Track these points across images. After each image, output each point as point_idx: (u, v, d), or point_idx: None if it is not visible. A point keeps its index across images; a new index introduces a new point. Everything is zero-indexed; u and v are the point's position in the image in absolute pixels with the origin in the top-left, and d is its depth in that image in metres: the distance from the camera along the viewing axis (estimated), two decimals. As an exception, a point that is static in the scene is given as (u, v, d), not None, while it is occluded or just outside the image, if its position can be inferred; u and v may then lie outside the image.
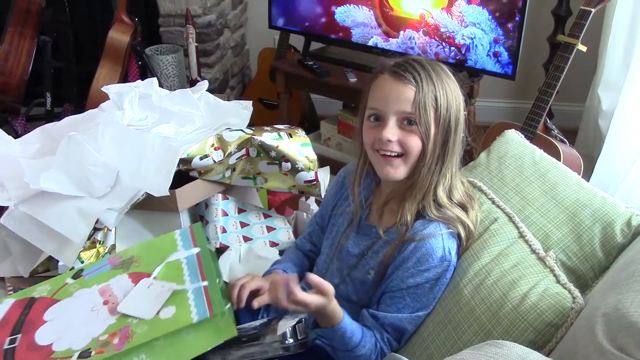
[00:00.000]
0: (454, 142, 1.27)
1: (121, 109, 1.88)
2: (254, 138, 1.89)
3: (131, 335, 1.18)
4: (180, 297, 1.26)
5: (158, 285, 1.30)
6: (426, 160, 1.25)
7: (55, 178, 1.67)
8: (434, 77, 1.24)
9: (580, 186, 1.43)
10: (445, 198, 1.29)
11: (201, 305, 1.22)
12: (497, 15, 2.33)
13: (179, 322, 1.19)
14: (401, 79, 1.24)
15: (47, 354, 1.19)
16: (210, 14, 3.11)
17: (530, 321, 1.11)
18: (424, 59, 1.28)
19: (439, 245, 1.26)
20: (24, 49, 2.83)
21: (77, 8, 3.09)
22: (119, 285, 1.33)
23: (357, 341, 1.26)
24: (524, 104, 3.11)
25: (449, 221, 1.28)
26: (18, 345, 1.22)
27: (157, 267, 1.34)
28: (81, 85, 3.01)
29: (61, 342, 1.21)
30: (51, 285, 1.39)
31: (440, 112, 1.24)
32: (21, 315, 1.30)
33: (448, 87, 1.25)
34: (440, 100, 1.23)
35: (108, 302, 1.29)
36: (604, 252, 1.31)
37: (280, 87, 2.95)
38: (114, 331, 1.21)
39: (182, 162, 1.80)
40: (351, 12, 2.67)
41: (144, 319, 1.22)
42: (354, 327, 1.27)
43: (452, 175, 1.30)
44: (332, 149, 2.94)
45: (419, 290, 1.27)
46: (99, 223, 1.68)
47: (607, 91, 2.60)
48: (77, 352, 1.18)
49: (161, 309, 1.23)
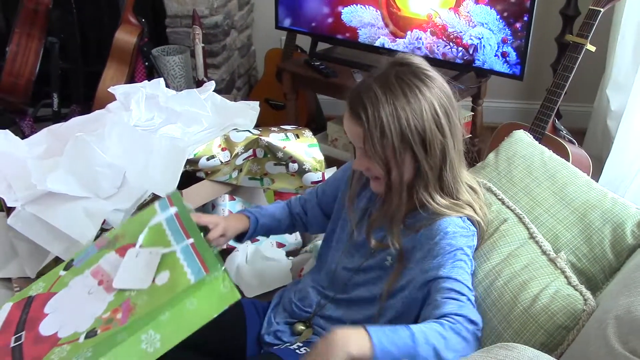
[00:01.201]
0: (430, 156, 1.22)
1: (128, 109, 1.88)
2: (260, 139, 1.89)
3: (133, 307, 1.18)
4: (171, 259, 1.24)
5: (145, 252, 1.29)
6: (392, 187, 1.25)
7: (62, 179, 1.68)
8: (384, 105, 1.19)
9: (590, 187, 1.42)
10: (446, 199, 1.26)
11: (194, 265, 1.20)
12: (505, 15, 2.32)
13: (176, 285, 1.18)
14: (351, 116, 1.24)
15: (54, 342, 1.19)
16: (217, 15, 3.11)
17: (542, 323, 1.10)
18: (378, 81, 1.22)
19: (453, 218, 1.24)
20: (31, 50, 2.83)
21: (84, 9, 3.10)
22: (108, 263, 1.33)
23: (409, 344, 1.05)
24: (532, 104, 3.10)
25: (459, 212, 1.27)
26: (24, 342, 1.22)
27: (141, 235, 1.32)
28: (88, 86, 3.01)
29: (66, 329, 1.21)
30: (45, 281, 1.39)
31: (395, 138, 1.20)
32: (22, 314, 1.31)
33: (406, 109, 1.19)
34: (393, 127, 1.19)
35: (103, 282, 1.29)
36: (614, 253, 1.29)
37: (287, 88, 2.95)
38: (115, 307, 1.21)
39: (189, 163, 1.80)
40: (358, 12, 2.66)
41: (141, 288, 1.21)
42: (391, 331, 1.08)
43: (452, 180, 1.27)
44: (339, 150, 2.93)
45: (457, 264, 1.18)
46: (105, 224, 1.68)
47: (616, 91, 2.59)
48: (83, 333, 1.18)
49: (156, 276, 1.22)
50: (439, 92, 1.23)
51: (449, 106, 1.24)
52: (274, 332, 1.42)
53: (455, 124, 1.25)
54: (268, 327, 1.44)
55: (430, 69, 1.26)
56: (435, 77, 1.25)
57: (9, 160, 1.80)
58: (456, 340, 1.07)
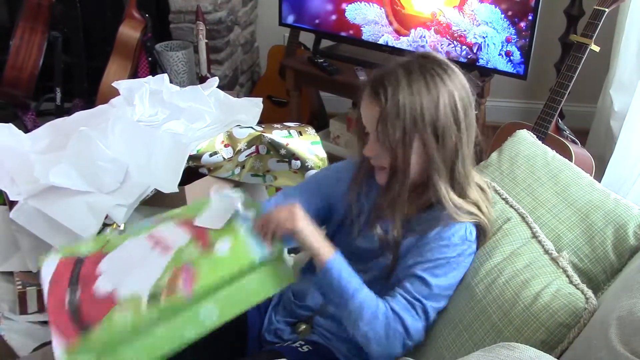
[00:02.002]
0: (442, 147, 1.22)
1: (131, 104, 1.88)
2: (264, 135, 1.89)
3: (195, 276, 1.17)
4: (231, 228, 1.26)
5: (226, 198, 1.30)
6: (396, 174, 1.24)
7: (64, 173, 1.68)
8: (404, 88, 1.19)
9: (592, 187, 1.41)
10: (457, 196, 1.26)
11: (258, 242, 1.22)
12: (510, 14, 2.32)
13: (239, 259, 1.19)
14: (370, 96, 1.23)
15: (112, 301, 1.15)
16: (220, 11, 3.11)
17: (543, 321, 1.10)
18: (403, 66, 1.23)
19: (462, 226, 1.25)
20: (34, 44, 2.83)
21: (87, 3, 3.09)
22: (165, 230, 1.31)
23: (352, 290, 1.19)
24: (536, 104, 3.09)
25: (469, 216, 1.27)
26: (80, 297, 1.18)
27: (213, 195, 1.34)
28: (91, 81, 3.01)
29: (123, 289, 1.17)
30: (96, 242, 1.36)
31: (406, 122, 1.19)
32: (73, 270, 1.26)
33: (423, 95, 1.20)
34: (408, 110, 1.19)
35: (158, 245, 1.27)
36: (616, 254, 1.29)
37: (290, 85, 2.95)
38: (173, 271, 1.19)
39: (192, 159, 1.80)
40: (362, 9, 2.66)
41: (216, 228, 1.24)
42: (349, 271, 1.22)
43: (463, 178, 1.26)
44: (341, 147, 2.93)
45: (438, 270, 1.23)
46: (108, 219, 1.68)
47: (619, 92, 2.58)
48: (144, 297, 1.15)
49: (217, 241, 1.23)
50: (460, 86, 1.24)
51: (468, 102, 1.24)
52: (274, 330, 1.42)
53: (471, 121, 1.25)
54: (269, 326, 1.44)
55: (453, 66, 1.26)
56: (458, 72, 1.25)
57: (11, 154, 1.81)
58: (380, 328, 1.19)
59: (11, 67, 2.79)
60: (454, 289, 1.26)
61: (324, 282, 1.22)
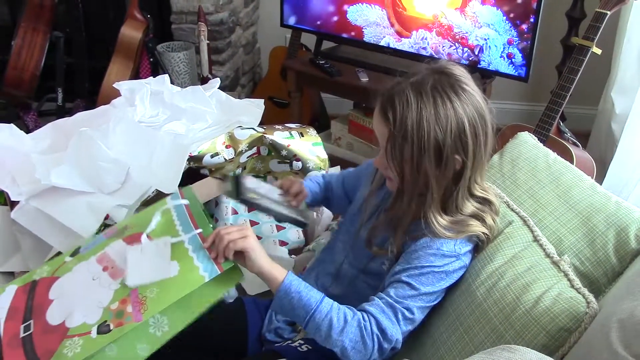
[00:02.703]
0: (442, 173, 1.21)
1: (133, 105, 1.88)
2: (265, 137, 1.89)
3: (144, 301, 1.16)
4: (179, 250, 1.23)
5: (151, 245, 1.27)
6: (403, 194, 1.24)
7: (66, 173, 1.68)
8: (412, 111, 1.17)
9: (594, 190, 1.41)
10: (445, 220, 1.24)
11: (205, 260, 1.19)
12: (512, 16, 2.32)
13: (188, 281, 1.16)
14: (380, 115, 1.22)
15: (63, 332, 1.17)
16: (222, 12, 3.11)
17: (543, 325, 1.10)
18: (414, 86, 1.19)
19: (451, 241, 1.24)
20: (36, 44, 2.83)
21: (89, 4, 3.10)
22: (114, 250, 1.31)
23: (314, 302, 1.16)
24: (537, 106, 3.09)
25: (461, 233, 1.26)
26: (34, 331, 1.20)
27: (151, 223, 1.31)
28: (93, 81, 3.02)
29: (73, 318, 1.19)
30: (50, 266, 1.38)
31: (414, 146, 1.18)
32: (27, 300, 1.29)
33: (430, 120, 1.16)
34: (415, 134, 1.17)
35: (107, 268, 1.27)
36: (617, 257, 1.29)
37: (292, 86, 2.95)
38: (122, 297, 1.19)
39: (193, 160, 1.80)
40: (363, 11, 2.66)
41: (159, 280, 1.19)
42: (306, 285, 1.19)
43: (460, 200, 1.25)
44: (342, 149, 2.93)
45: (424, 277, 1.21)
46: (109, 219, 1.68)
47: (620, 94, 2.58)
48: (94, 326, 1.15)
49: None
50: (471, 109, 1.19)
51: (479, 125, 1.20)
52: (274, 329, 1.43)
53: (481, 145, 1.22)
54: (269, 325, 1.45)
55: (469, 83, 1.21)
56: (472, 92, 1.20)
57: (13, 154, 1.81)
58: (354, 333, 1.15)
59: (13, 68, 2.80)
60: (438, 298, 1.25)
61: (285, 301, 1.18)
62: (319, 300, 1.17)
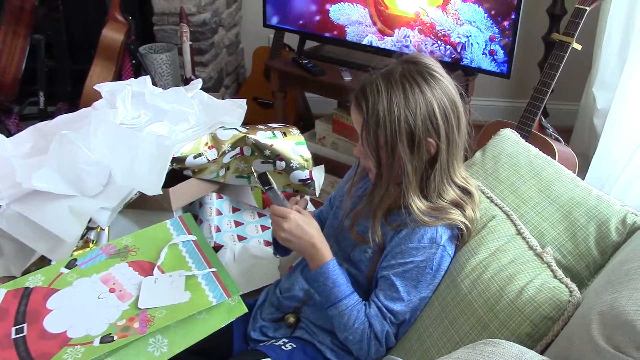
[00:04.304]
0: (416, 157, 1.24)
1: (114, 107, 1.86)
2: (248, 137, 1.89)
3: (151, 320, 1.22)
4: (192, 282, 1.31)
5: (165, 277, 1.34)
6: (380, 181, 1.28)
7: (47, 177, 1.66)
8: (382, 99, 1.22)
9: (575, 184, 1.42)
10: (424, 205, 1.27)
11: (216, 290, 1.28)
12: (493, 13, 2.33)
13: (196, 305, 1.24)
14: (355, 105, 1.28)
15: (64, 340, 1.20)
16: (204, 13, 3.10)
17: (527, 314, 1.11)
18: (384, 76, 1.25)
19: (431, 229, 1.26)
20: (17, 48, 2.81)
21: (70, 6, 3.07)
22: (120, 273, 1.37)
23: (341, 295, 1.28)
24: (519, 102, 3.11)
25: (440, 220, 1.28)
26: (28, 334, 1.23)
27: (160, 256, 1.39)
28: (75, 84, 2.99)
29: (76, 329, 1.23)
30: (44, 275, 1.39)
31: (387, 131, 1.22)
32: (20, 305, 1.31)
33: (400, 106, 1.21)
34: (388, 121, 1.22)
35: (115, 290, 1.32)
36: (599, 250, 1.30)
37: (275, 86, 2.94)
38: (130, 316, 1.24)
39: (176, 161, 1.79)
40: (345, 10, 2.66)
41: (169, 305, 1.27)
42: (341, 278, 1.30)
43: (437, 184, 1.28)
44: (327, 148, 2.93)
45: (407, 274, 1.26)
46: (92, 222, 1.67)
47: (602, 90, 2.60)
48: (97, 337, 1.20)
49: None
50: (440, 93, 1.23)
51: (449, 108, 1.24)
52: (259, 328, 1.44)
53: (454, 127, 1.25)
54: (254, 324, 1.45)
55: (438, 70, 1.26)
56: (441, 78, 1.25)
57: (-7, 158, 1.79)
58: (357, 334, 1.27)
59: (-7, 71, 2.77)
60: (429, 290, 1.29)
61: (320, 280, 1.30)
62: (347, 294, 1.29)
